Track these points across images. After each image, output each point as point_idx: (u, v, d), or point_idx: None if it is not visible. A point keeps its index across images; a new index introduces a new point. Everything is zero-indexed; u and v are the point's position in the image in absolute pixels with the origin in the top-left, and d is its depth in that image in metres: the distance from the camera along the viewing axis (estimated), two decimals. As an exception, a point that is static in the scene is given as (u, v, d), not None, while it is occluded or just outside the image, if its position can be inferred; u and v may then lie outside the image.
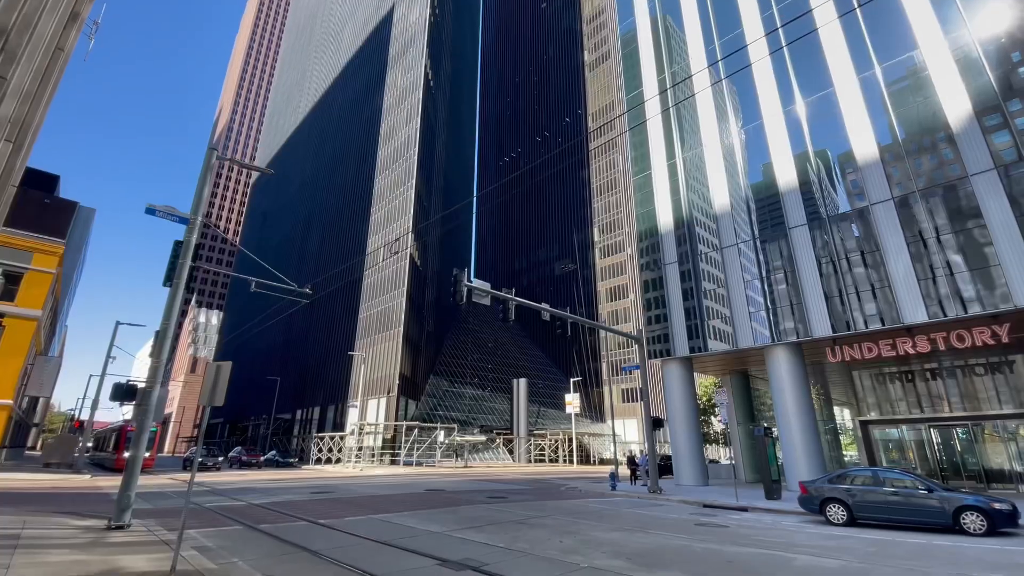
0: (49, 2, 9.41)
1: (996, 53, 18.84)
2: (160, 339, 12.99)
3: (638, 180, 31.29)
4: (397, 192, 68.85)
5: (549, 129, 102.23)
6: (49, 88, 12.18)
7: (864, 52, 22.40)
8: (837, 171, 22.45)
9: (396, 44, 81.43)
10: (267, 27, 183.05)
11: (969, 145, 18.78)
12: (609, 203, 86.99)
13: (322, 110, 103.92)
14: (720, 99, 27.95)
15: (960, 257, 18.40)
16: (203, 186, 14.13)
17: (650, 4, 33.54)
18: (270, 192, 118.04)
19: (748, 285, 24.51)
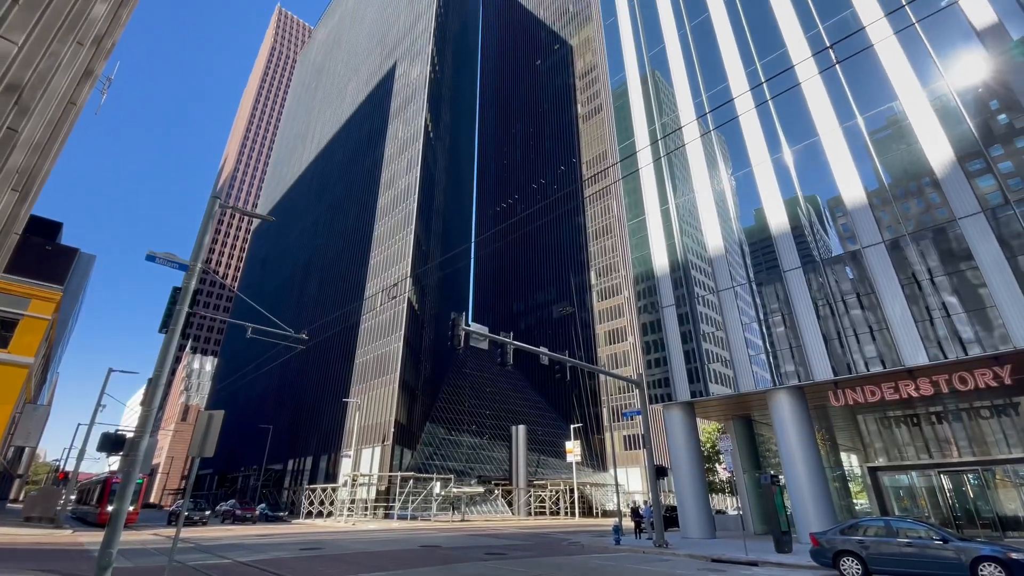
0: (65, 59, 9.81)
1: (974, 102, 19.72)
2: (153, 386, 12.75)
3: (632, 225, 31.86)
4: (396, 237, 69.77)
5: (545, 176, 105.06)
6: (59, 140, 12.55)
7: (846, 103, 23.43)
8: (827, 215, 22.95)
9: (398, 98, 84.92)
10: (274, 82, 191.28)
11: (954, 190, 19.32)
12: (605, 247, 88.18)
13: (324, 160, 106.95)
14: (710, 148, 28.94)
15: (955, 299, 18.52)
16: (204, 233, 14.31)
17: (639, 61, 35.32)
18: (270, 238, 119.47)
19: (746, 328, 24.49)
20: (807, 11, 26.09)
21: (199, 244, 14.30)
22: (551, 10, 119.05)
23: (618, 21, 38.42)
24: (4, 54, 5.94)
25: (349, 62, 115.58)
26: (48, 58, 7.67)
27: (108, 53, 14.06)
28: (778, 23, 27.25)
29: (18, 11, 5.89)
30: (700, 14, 32.01)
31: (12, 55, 6.08)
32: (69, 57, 9.33)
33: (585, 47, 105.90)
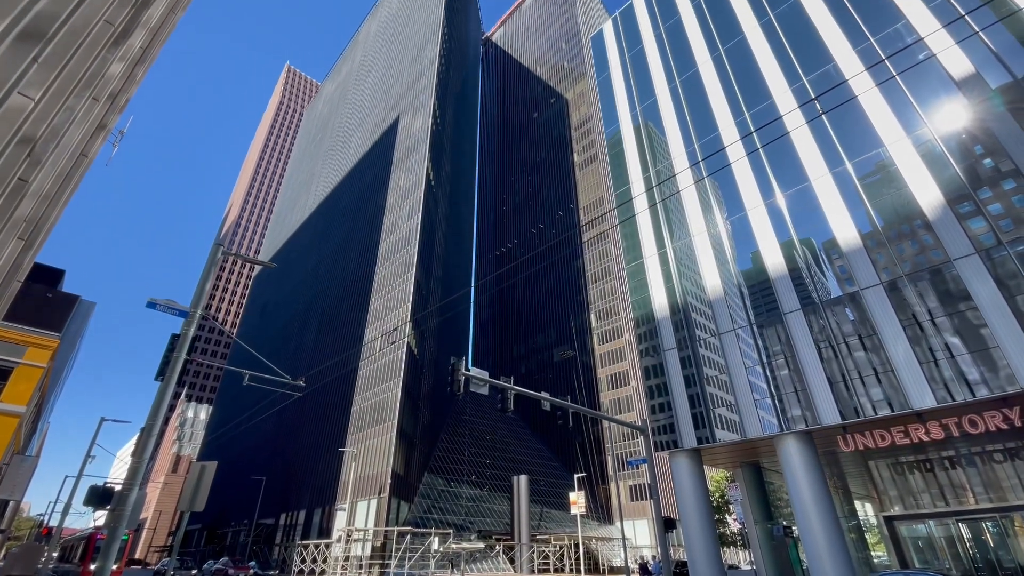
0: (79, 114, 10.18)
1: (958, 148, 20.36)
2: (145, 436, 12.43)
3: (631, 268, 32.11)
4: (397, 282, 70.15)
5: (543, 221, 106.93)
6: (68, 190, 12.84)
7: (834, 150, 24.18)
8: (824, 258, 23.18)
9: (400, 149, 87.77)
10: (281, 134, 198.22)
11: (947, 231, 19.62)
12: (604, 290, 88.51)
13: (327, 207, 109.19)
14: (704, 193, 29.61)
15: (958, 340, 18.40)
16: (206, 280, 14.39)
17: (632, 113, 36.76)
18: (271, 284, 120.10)
19: (750, 371, 24.18)
20: (791, 65, 27.42)
21: (200, 291, 14.35)
22: (547, 67, 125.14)
23: (611, 76, 40.29)
24: (20, 109, 6.18)
25: (354, 115, 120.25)
26: (63, 113, 7.96)
27: (122, 108, 14.63)
28: (764, 76, 28.58)
29: (37, 69, 6.18)
30: (688, 69, 33.61)
31: (28, 110, 6.33)
32: (84, 112, 9.70)
33: (580, 100, 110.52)
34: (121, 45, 9.84)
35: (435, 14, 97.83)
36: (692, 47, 34.24)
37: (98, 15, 7.41)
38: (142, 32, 11.43)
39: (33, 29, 5.75)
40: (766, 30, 29.69)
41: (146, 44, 12.63)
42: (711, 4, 34.33)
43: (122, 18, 8.94)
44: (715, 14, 33.67)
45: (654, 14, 38.88)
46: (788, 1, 29.13)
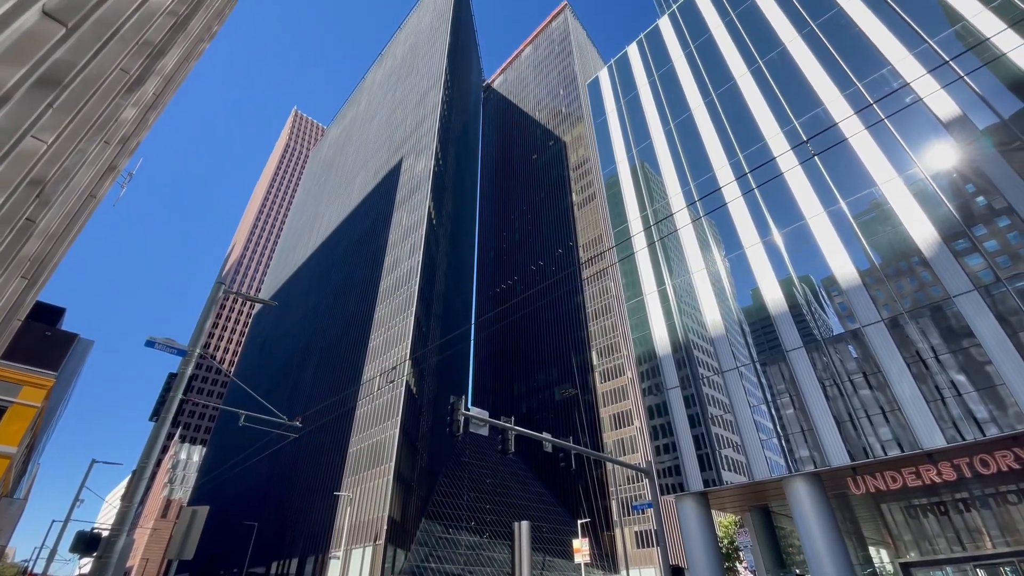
0: (90, 157, 10.44)
1: (950, 186, 20.75)
2: (137, 478, 12.09)
3: (631, 305, 32.10)
4: (397, 320, 70.00)
5: (543, 258, 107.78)
6: (75, 230, 13.03)
7: (827, 189, 24.66)
8: (823, 295, 23.21)
9: (403, 189, 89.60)
10: (286, 176, 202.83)
11: (944, 268, 19.73)
12: (605, 327, 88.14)
13: (330, 246, 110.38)
14: (701, 231, 29.98)
15: (964, 377, 18.17)
16: (206, 318, 14.37)
17: (628, 154, 37.73)
18: (271, 322, 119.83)
19: (755, 410, 23.75)
20: (781, 109, 28.35)
21: (199, 329, 14.30)
22: (545, 112, 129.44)
23: (607, 120, 41.61)
24: (32, 152, 6.35)
25: (358, 157, 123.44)
26: (75, 155, 8.18)
27: (132, 151, 15.05)
28: (755, 120, 29.49)
29: (52, 114, 6.39)
30: (682, 113, 34.74)
31: (40, 153, 6.50)
32: (95, 155, 9.98)
33: (578, 143, 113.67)
34: (135, 92, 10.22)
35: (438, 63, 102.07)
36: (685, 92, 35.51)
37: (114, 63, 7.73)
38: (156, 79, 11.89)
39: (50, 76, 5.99)
40: (756, 76, 30.87)
41: (159, 90, 13.11)
42: (702, 53, 35.86)
43: (137, 66, 9.33)
44: (706, 62, 35.10)
45: (648, 62, 40.54)
46: (776, 49, 30.42)
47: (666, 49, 39.34)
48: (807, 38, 28.91)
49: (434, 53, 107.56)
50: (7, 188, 6.20)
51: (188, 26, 11.98)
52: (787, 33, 30.21)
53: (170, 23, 9.96)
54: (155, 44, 9.68)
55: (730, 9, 35.23)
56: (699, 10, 38.01)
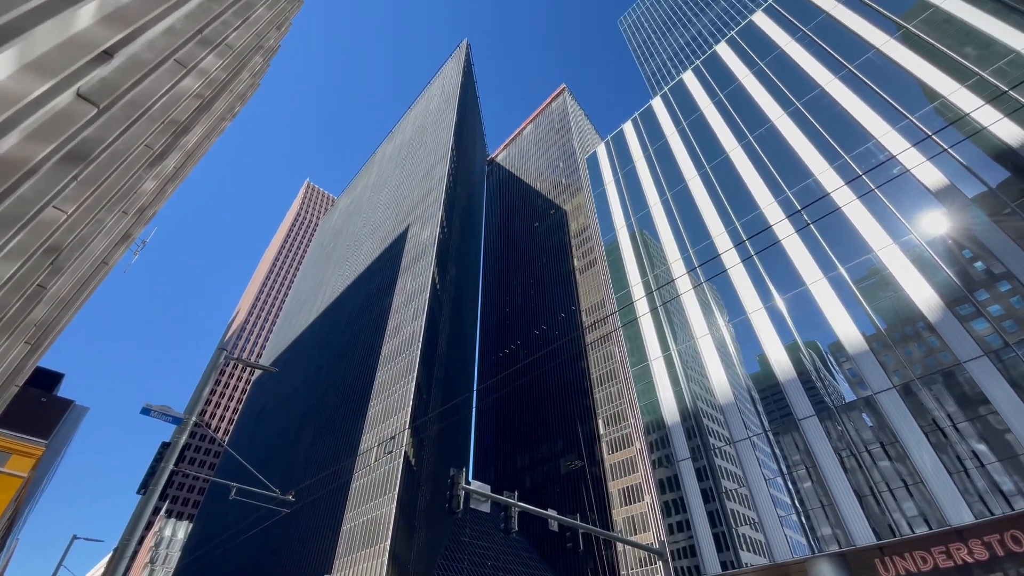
0: (108, 226, 10.79)
1: (946, 252, 21.03)
2: (118, 557, 11.36)
3: (636, 371, 31.57)
4: (397, 386, 68.76)
5: (546, 323, 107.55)
6: (83, 296, 13.20)
7: (825, 256, 25.03)
8: (831, 361, 22.84)
9: (408, 256, 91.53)
10: (295, 243, 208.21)
11: (951, 334, 19.53)
12: (611, 394, 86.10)
13: (334, 311, 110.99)
14: (704, 297, 30.12)
15: (984, 446, 17.41)
16: (205, 385, 14.17)
17: (627, 222, 38.80)
18: (270, 389, 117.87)
19: (771, 483, 22.59)
20: (773, 180, 29.46)
21: (197, 396, 14.06)
22: (546, 182, 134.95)
23: (606, 191, 43.21)
24: (52, 221, 6.58)
25: (366, 226, 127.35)
26: (92, 225, 8.45)
27: (148, 220, 15.59)
28: (749, 190, 30.57)
29: (75, 186, 6.69)
30: (678, 184, 36.11)
31: (59, 222, 6.73)
32: (111, 224, 10.33)
33: (578, 211, 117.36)
34: (157, 166, 10.76)
35: (445, 139, 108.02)
36: (679, 165, 37.13)
37: (140, 140, 8.21)
38: (178, 154, 12.57)
39: (77, 152, 6.33)
40: (747, 150, 32.39)
41: (180, 164, 13.81)
42: (694, 129, 37.90)
43: (161, 143, 9.89)
44: (698, 137, 37.01)
45: (642, 138, 42.78)
46: (764, 125, 32.15)
47: (659, 126, 41.63)
48: (793, 115, 30.63)
49: (441, 131, 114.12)
50: (23, 255, 6.37)
51: (212, 107, 12.83)
52: (773, 111, 32.05)
53: (196, 104, 10.69)
54: (180, 123, 10.33)
55: (718, 90, 37.66)
56: (689, 91, 40.64)
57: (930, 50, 25.40)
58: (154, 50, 6.99)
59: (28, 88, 4.93)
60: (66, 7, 4.81)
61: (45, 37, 4.90)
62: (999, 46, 22.63)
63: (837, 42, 30.32)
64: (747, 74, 35.68)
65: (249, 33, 12.00)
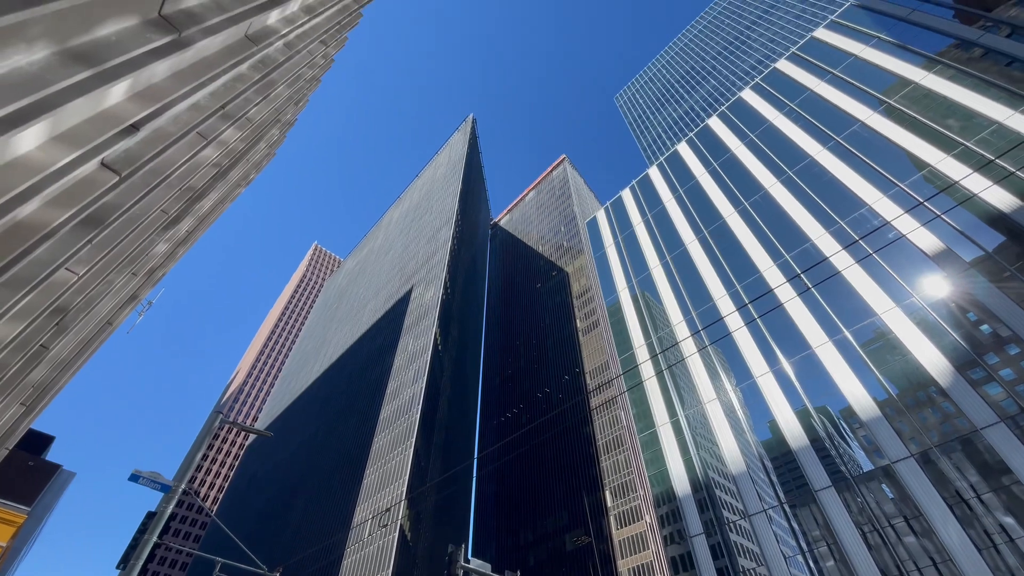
0: (116, 287, 10.95)
1: (950, 316, 20.93)
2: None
3: (644, 438, 30.55)
4: (395, 452, 66.40)
5: (549, 386, 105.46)
6: (84, 357, 13.15)
7: (829, 319, 24.94)
8: (844, 427, 22.11)
9: (411, 316, 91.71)
10: (299, 305, 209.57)
11: (964, 399, 19.01)
12: (618, 462, 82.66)
13: (333, 373, 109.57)
14: (709, 360, 29.73)
15: (1012, 519, 16.40)
16: (197, 450, 13.75)
17: (629, 284, 39.15)
18: (264, 453, 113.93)
19: (790, 561, 21.12)
20: (771, 244, 30.00)
21: (188, 463, 13.59)
22: (548, 245, 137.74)
23: (607, 254, 43.99)
24: (63, 282, 6.70)
25: (370, 287, 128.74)
26: (101, 286, 8.59)
27: (157, 281, 15.84)
28: (748, 253, 31.06)
29: (89, 249, 6.87)
30: (677, 247, 36.79)
31: (70, 284, 6.85)
32: (120, 286, 10.50)
33: (580, 273, 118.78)
34: (170, 230, 11.10)
35: (451, 204, 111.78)
36: (678, 229, 38.02)
37: (156, 206, 8.53)
38: (191, 219, 13.00)
39: (94, 216, 6.57)
40: (743, 216, 33.26)
41: (192, 228, 14.24)
42: (690, 196, 39.18)
43: (177, 208, 10.27)
44: (695, 203, 38.17)
45: (640, 203, 44.15)
46: (759, 192, 33.23)
47: (657, 193, 43.09)
48: (786, 183, 31.73)
49: (447, 196, 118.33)
50: (30, 316, 6.43)
51: (228, 175, 13.43)
52: (767, 179, 33.26)
53: (213, 172, 11.21)
54: (197, 190, 10.78)
55: (712, 160, 39.33)
56: (684, 161, 42.44)
57: (914, 122, 26.73)
58: (178, 123, 7.45)
59: (55, 158, 5.20)
60: (100, 85, 5.18)
61: (76, 112, 5.24)
62: (981, 118, 23.80)
63: (823, 116, 32.01)
64: (739, 145, 37.39)
65: (269, 108, 12.80)
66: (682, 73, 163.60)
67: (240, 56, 7.85)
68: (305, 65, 13.27)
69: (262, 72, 9.60)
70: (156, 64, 5.76)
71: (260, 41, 8.43)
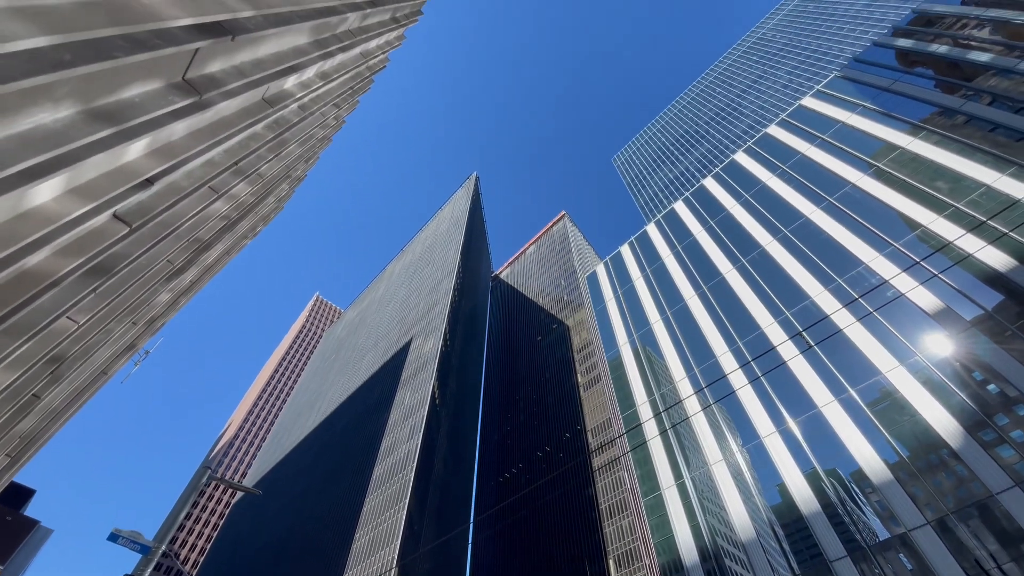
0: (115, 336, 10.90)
1: (955, 375, 20.62)
2: None
3: (649, 502, 29.27)
4: (387, 514, 63.40)
5: (549, 443, 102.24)
6: (75, 407, 12.88)
7: (833, 377, 24.57)
8: (856, 491, 21.23)
9: (409, 368, 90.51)
10: (296, 356, 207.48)
11: (977, 462, 18.38)
12: (622, 528, 78.63)
13: (327, 427, 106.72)
14: (713, 418, 29.02)
15: (1049, 600, 15.37)
16: (181, 508, 13.17)
17: (630, 339, 38.93)
18: (251, 511, 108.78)
19: (808, 642, 19.61)
20: (771, 301, 30.11)
21: (171, 521, 12.98)
22: (548, 298, 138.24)
23: (607, 308, 44.07)
24: (62, 331, 6.69)
25: (369, 337, 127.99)
26: (100, 335, 8.56)
27: (156, 331, 15.80)
28: (748, 310, 31.10)
29: (92, 298, 6.91)
30: (677, 303, 36.91)
31: (69, 332, 6.84)
32: (119, 335, 10.46)
33: (580, 327, 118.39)
34: (175, 279, 11.22)
35: (452, 257, 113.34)
36: (677, 285, 38.30)
37: (163, 256, 8.67)
38: (196, 269, 13.16)
39: (101, 266, 6.67)
40: (742, 272, 33.61)
41: (197, 278, 14.39)
42: (688, 252, 39.78)
43: (183, 259, 10.43)
44: (693, 259, 38.69)
45: (640, 259, 44.75)
46: (756, 250, 33.76)
47: (655, 248, 43.79)
48: (782, 241, 32.31)
49: (449, 249, 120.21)
50: (26, 364, 6.37)
51: (236, 227, 13.74)
52: (763, 237, 33.89)
53: (221, 224, 11.48)
54: (204, 241, 10.99)
55: (708, 218, 40.27)
56: (681, 219, 43.45)
57: (904, 184, 27.58)
58: (192, 178, 7.72)
59: (69, 209, 5.35)
60: (120, 142, 5.40)
61: (95, 167, 5.44)
62: (969, 180, 24.55)
63: (815, 178, 33.10)
64: (734, 204, 38.41)
65: (280, 164, 13.30)
66: (677, 136, 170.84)
67: (256, 117, 8.26)
68: (318, 126, 13.91)
69: (276, 132, 10.07)
70: (175, 123, 6.06)
71: (276, 103, 8.90)
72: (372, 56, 15.47)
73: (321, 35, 9.77)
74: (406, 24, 16.74)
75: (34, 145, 4.44)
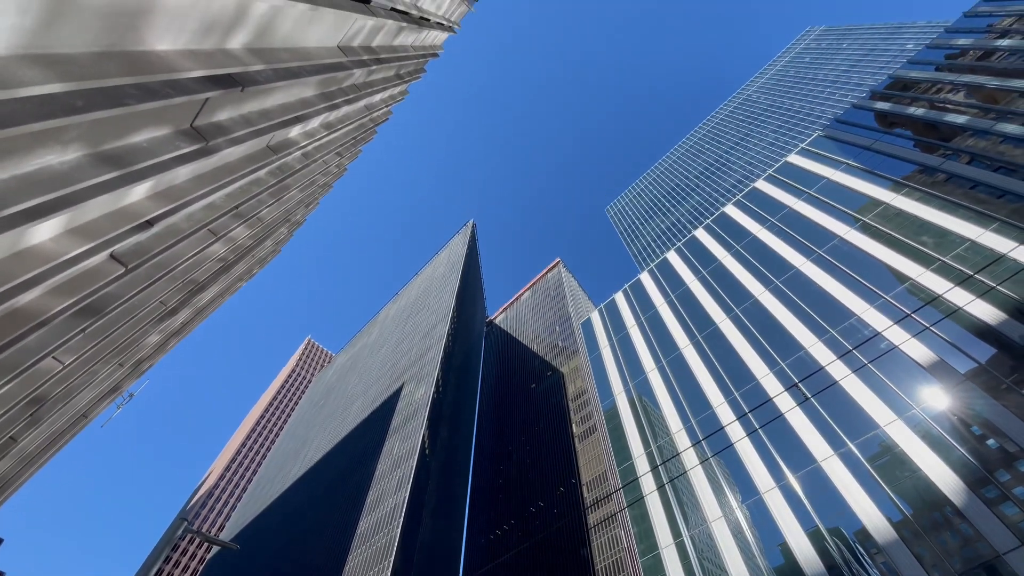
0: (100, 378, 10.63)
1: (954, 429, 20.35)
2: None
3: (646, 563, 27.92)
4: (372, 572, 59.89)
5: (543, 498, 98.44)
6: (52, 451, 12.37)
7: (831, 431, 24.18)
8: (861, 552, 20.40)
9: (399, 416, 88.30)
10: (284, 400, 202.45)
11: (982, 521, 17.82)
12: (617, 590, 74.41)
13: (311, 477, 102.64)
14: (712, 472, 28.23)
15: (1071, 676, 14.49)
16: (153, 563, 12.40)
17: (625, 387, 38.44)
18: (227, 567, 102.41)
19: None
20: (765, 351, 30.07)
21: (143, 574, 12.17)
22: (543, 345, 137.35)
23: (602, 355, 43.77)
24: (46, 371, 6.53)
25: (360, 383, 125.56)
26: (84, 376, 8.36)
27: (142, 373, 15.46)
28: (743, 360, 30.98)
29: (81, 338, 6.80)
30: (672, 352, 36.76)
31: (53, 372, 6.68)
32: (104, 376, 10.21)
33: (575, 374, 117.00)
34: (166, 321, 11.10)
35: (447, 302, 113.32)
36: (672, 334, 38.29)
37: (156, 297, 8.62)
38: (189, 311, 13.04)
39: (92, 306, 6.60)
40: (735, 322, 33.74)
41: (188, 320, 14.24)
42: (682, 301, 40.06)
43: (176, 300, 10.37)
44: (687, 308, 38.90)
45: (634, 307, 44.94)
46: (749, 300, 34.05)
47: (649, 297, 44.09)
48: (774, 292, 32.67)
49: (444, 294, 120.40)
50: (5, 405, 6.17)
51: (232, 269, 13.76)
52: (755, 287, 34.29)
53: (217, 267, 11.50)
54: (199, 283, 10.97)
55: (700, 268, 40.85)
56: (674, 268, 44.05)
57: (890, 238, 28.27)
58: (191, 221, 7.80)
59: (66, 249, 5.36)
60: (124, 185, 5.47)
61: (96, 208, 5.50)
62: (954, 235, 25.21)
63: (804, 231, 33.93)
64: (726, 255, 39.10)
65: (280, 209, 13.52)
66: (668, 189, 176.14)
67: (260, 163, 8.47)
68: (320, 172, 14.26)
69: (279, 177, 10.30)
70: (180, 168, 6.19)
71: (280, 151, 9.16)
72: (376, 109, 16.10)
73: (327, 88, 10.20)
74: (409, 80, 17.54)
75: (38, 185, 4.50)
